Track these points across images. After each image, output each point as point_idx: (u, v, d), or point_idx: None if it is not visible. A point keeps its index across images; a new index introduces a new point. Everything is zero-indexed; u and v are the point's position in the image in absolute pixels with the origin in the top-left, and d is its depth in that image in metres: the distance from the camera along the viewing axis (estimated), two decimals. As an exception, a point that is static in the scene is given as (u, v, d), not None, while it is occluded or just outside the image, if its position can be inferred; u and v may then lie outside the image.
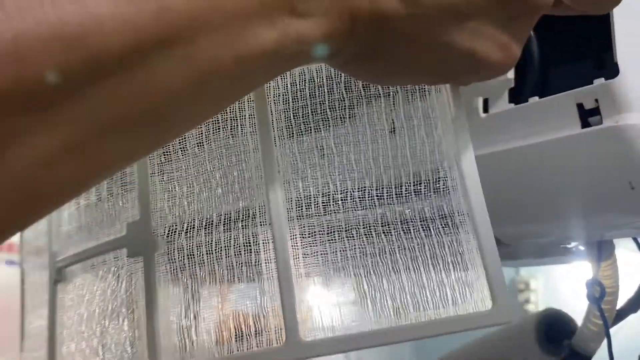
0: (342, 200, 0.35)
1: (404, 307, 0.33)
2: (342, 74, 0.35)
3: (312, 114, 0.36)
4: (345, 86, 0.35)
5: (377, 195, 0.35)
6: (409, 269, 0.34)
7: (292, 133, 0.36)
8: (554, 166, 0.39)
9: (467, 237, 0.32)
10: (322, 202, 0.35)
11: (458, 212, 0.33)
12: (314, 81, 0.36)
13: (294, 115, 0.36)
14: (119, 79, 0.21)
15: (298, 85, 0.36)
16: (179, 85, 0.22)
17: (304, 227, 0.35)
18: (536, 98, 0.38)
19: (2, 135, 0.20)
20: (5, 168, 0.20)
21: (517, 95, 0.40)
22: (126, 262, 0.42)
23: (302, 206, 0.35)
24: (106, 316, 0.44)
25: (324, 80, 0.36)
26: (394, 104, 0.35)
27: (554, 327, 0.63)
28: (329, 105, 0.36)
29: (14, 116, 0.20)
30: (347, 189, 0.35)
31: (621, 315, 0.57)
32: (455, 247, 0.33)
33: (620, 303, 0.56)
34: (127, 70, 0.21)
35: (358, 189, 0.35)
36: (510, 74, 0.40)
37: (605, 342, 0.55)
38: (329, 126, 0.36)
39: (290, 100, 0.36)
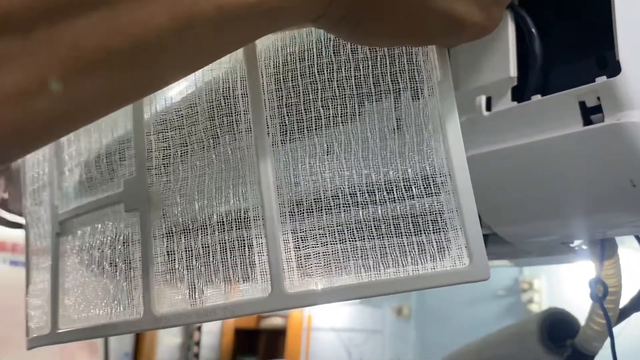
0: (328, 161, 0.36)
1: (384, 263, 0.34)
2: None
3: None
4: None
5: (362, 157, 0.36)
6: (390, 227, 0.34)
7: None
8: (556, 164, 0.39)
9: (448, 197, 0.33)
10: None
11: (440, 173, 0.34)
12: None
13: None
14: (101, 14, 0.22)
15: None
16: (161, 25, 0.23)
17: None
18: (538, 96, 0.38)
19: None
20: None
21: (520, 94, 0.40)
22: (123, 216, 0.43)
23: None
24: (104, 268, 0.46)
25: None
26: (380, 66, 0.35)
27: (557, 327, 0.63)
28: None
29: None
30: (334, 151, 0.36)
31: (624, 314, 0.57)
32: (436, 207, 0.34)
33: (624, 302, 0.56)
34: (110, 5, 0.22)
35: (344, 150, 0.36)
36: (513, 73, 0.40)
37: (608, 341, 0.55)
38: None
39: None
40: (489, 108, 0.41)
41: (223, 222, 0.39)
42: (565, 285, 2.84)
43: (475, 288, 3.06)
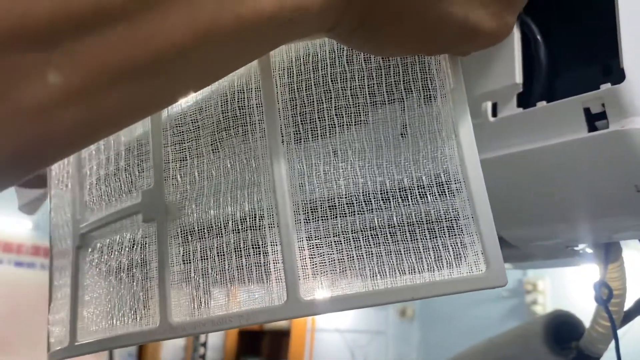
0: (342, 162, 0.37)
1: (400, 269, 0.34)
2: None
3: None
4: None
5: (376, 165, 0.36)
6: (405, 233, 0.35)
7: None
8: (561, 169, 0.39)
9: (463, 203, 0.33)
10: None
11: (455, 180, 0.34)
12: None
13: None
14: (123, 28, 0.22)
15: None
16: (182, 37, 0.24)
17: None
18: (544, 102, 0.39)
19: (10, 71, 0.21)
20: (15, 105, 0.21)
21: (525, 100, 0.41)
22: (141, 227, 0.44)
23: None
24: (121, 278, 0.47)
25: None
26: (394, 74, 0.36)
27: (561, 329, 0.64)
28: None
29: (21, 52, 0.21)
30: (347, 158, 0.37)
31: (629, 316, 0.58)
32: (451, 213, 0.34)
33: (628, 304, 0.56)
34: (131, 19, 0.22)
35: (359, 159, 0.36)
36: (519, 79, 0.41)
37: (613, 343, 0.56)
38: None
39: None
40: (494, 114, 0.41)
41: (238, 229, 0.39)
42: (569, 287, 2.84)
43: (479, 289, 3.06)
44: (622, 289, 0.54)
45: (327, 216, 0.36)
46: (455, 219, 0.34)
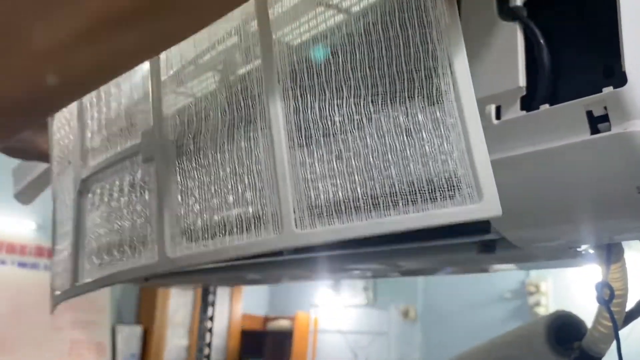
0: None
1: (394, 202, 0.35)
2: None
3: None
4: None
5: (371, 101, 0.37)
6: (400, 166, 0.35)
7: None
8: (564, 171, 0.40)
9: (458, 137, 0.34)
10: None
11: (450, 115, 0.35)
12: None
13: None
14: None
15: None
16: None
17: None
18: (547, 105, 0.40)
19: (22, 14, 0.22)
20: (27, 47, 0.22)
21: (529, 103, 0.41)
22: (141, 167, 0.45)
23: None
24: (121, 218, 0.48)
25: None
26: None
27: (564, 329, 0.64)
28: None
29: None
30: (341, 87, 0.37)
31: (631, 316, 0.58)
32: (446, 147, 0.35)
33: (630, 305, 0.57)
34: None
35: (354, 95, 0.37)
36: (523, 82, 0.41)
37: (615, 343, 0.56)
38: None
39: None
40: (498, 117, 0.42)
41: (235, 166, 0.40)
42: (572, 288, 2.83)
43: (481, 291, 3.05)
44: (624, 289, 0.54)
45: (320, 144, 0.37)
46: (450, 153, 0.34)
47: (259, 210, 0.38)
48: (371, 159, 0.36)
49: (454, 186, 0.34)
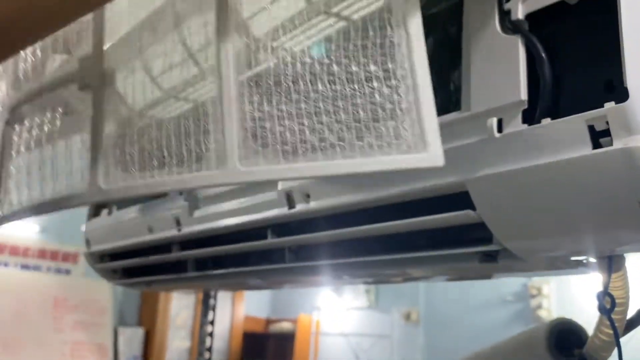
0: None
1: (341, 147, 0.36)
2: None
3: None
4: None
5: (325, 52, 0.37)
6: (349, 113, 0.36)
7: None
8: (566, 185, 0.40)
9: (407, 89, 0.35)
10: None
11: (400, 67, 0.35)
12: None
13: None
14: None
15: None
16: None
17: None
18: (548, 119, 0.40)
19: None
20: None
21: (530, 116, 0.41)
22: (76, 96, 0.44)
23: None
24: (51, 147, 0.47)
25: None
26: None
27: (565, 337, 0.64)
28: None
29: None
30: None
31: (631, 325, 0.58)
32: (395, 97, 0.35)
33: (631, 313, 0.57)
34: None
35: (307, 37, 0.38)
36: (524, 96, 0.41)
37: (616, 351, 0.56)
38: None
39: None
40: (500, 130, 0.42)
41: (179, 98, 0.39)
42: (574, 291, 2.83)
43: (483, 294, 3.05)
44: (625, 298, 0.55)
45: (271, 91, 0.37)
46: (399, 103, 0.35)
47: (202, 144, 0.38)
48: (321, 104, 0.36)
49: (400, 135, 0.35)
